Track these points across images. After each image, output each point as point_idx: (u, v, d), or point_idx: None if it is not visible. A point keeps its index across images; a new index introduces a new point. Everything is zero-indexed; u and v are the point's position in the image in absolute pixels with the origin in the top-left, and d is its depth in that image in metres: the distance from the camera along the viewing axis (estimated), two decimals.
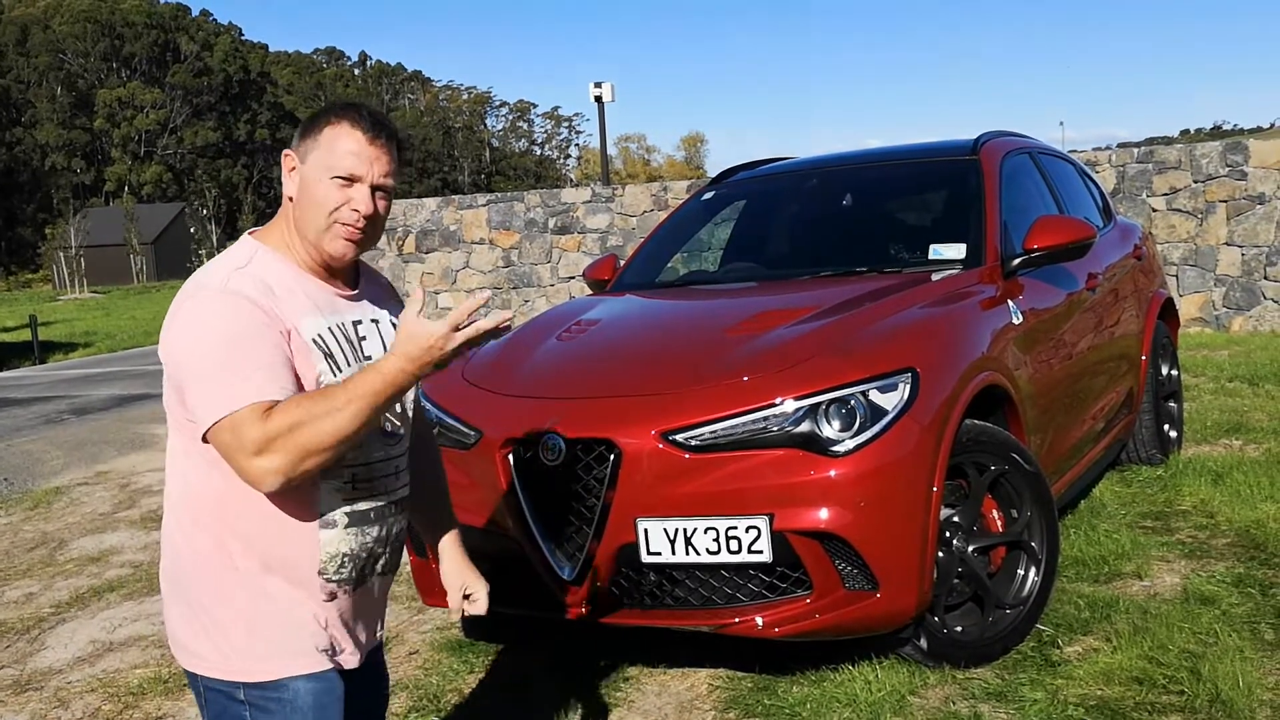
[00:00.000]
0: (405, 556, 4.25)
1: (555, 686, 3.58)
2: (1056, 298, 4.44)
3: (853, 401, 3.22)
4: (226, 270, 1.91)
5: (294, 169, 1.96)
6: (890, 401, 3.24)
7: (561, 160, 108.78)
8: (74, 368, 17.36)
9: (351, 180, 1.93)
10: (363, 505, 1.97)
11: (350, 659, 2.01)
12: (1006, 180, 4.61)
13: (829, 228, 4.87)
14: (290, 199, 1.97)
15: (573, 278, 14.25)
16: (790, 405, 3.21)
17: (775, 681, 3.51)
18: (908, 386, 3.27)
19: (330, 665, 1.95)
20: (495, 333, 1.84)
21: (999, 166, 4.62)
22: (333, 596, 1.96)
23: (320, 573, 1.93)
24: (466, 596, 2.30)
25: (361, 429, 1.79)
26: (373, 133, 1.94)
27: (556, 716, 3.39)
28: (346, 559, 1.96)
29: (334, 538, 1.94)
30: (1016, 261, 4.19)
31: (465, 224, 14.95)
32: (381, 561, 2.05)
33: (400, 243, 15.22)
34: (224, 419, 1.78)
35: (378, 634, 2.13)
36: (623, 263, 5.21)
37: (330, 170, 1.92)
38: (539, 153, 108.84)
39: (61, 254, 46.89)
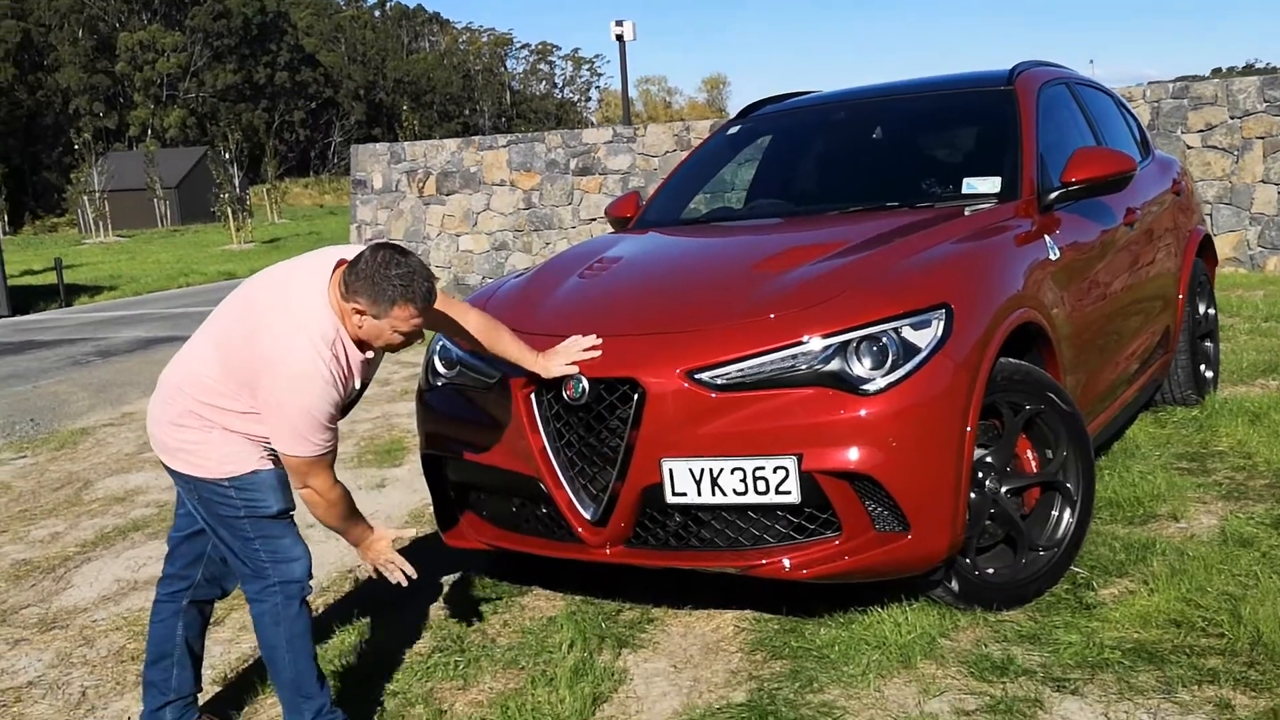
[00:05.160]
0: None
1: (578, 628, 3.54)
2: (1094, 233, 4.31)
3: (884, 339, 3.12)
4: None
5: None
6: (923, 339, 3.14)
7: (582, 103, 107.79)
8: (99, 310, 17.43)
9: None
10: None
11: None
12: (1043, 111, 4.46)
13: (858, 162, 4.73)
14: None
15: (594, 219, 14.11)
16: (819, 343, 3.12)
17: (802, 623, 3.46)
18: (941, 323, 3.17)
19: None
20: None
21: (1035, 97, 4.47)
22: None
23: None
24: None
25: None
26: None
27: (581, 658, 3.35)
28: None
29: None
30: (1054, 195, 4.06)
31: (486, 165, 14.80)
32: None
33: (420, 185, 15.10)
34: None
35: None
36: (645, 200, 5.10)
37: None
38: (560, 96, 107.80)
39: (86, 198, 46.86)
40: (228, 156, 41.11)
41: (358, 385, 2.82)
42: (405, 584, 2.93)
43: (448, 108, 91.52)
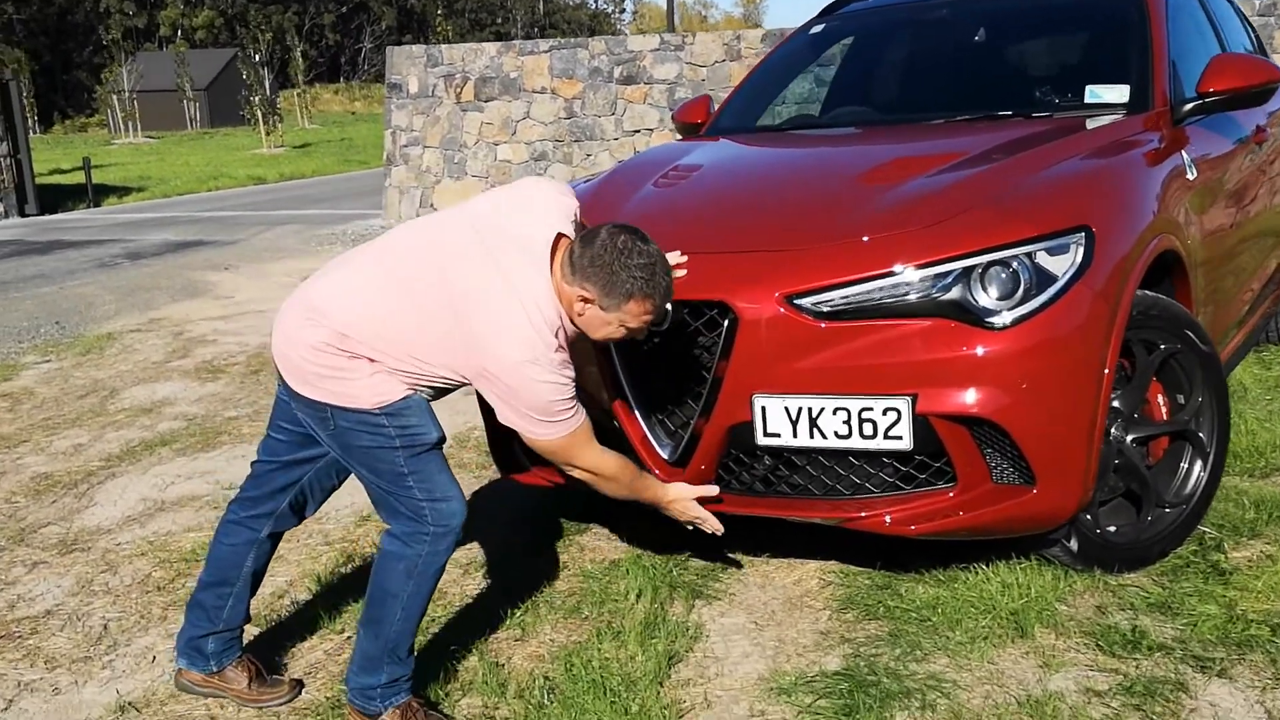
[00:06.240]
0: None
1: (645, 574, 3.21)
2: (1227, 151, 3.86)
3: (1015, 264, 2.71)
4: None
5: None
6: (1060, 266, 2.73)
7: (616, 15, 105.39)
8: (127, 212, 17.11)
9: None
10: None
11: None
12: (1171, 12, 3.97)
13: (962, 66, 4.24)
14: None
15: (637, 131, 13.58)
16: (938, 268, 2.72)
17: (896, 580, 3.11)
18: (1081, 248, 2.75)
19: None
20: None
21: None
22: None
23: None
24: None
25: None
26: None
27: (648, 605, 3.03)
28: None
29: None
30: (1189, 107, 3.60)
31: (526, 71, 14.25)
32: None
33: (458, 90, 14.57)
34: None
35: None
36: (718, 105, 4.65)
37: None
38: (593, 6, 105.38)
39: (115, 98, 46.28)
40: (258, 59, 40.36)
41: None
42: (720, 534, 2.79)
43: (480, 16, 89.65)
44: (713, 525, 2.76)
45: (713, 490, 2.77)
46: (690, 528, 2.84)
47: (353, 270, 2.48)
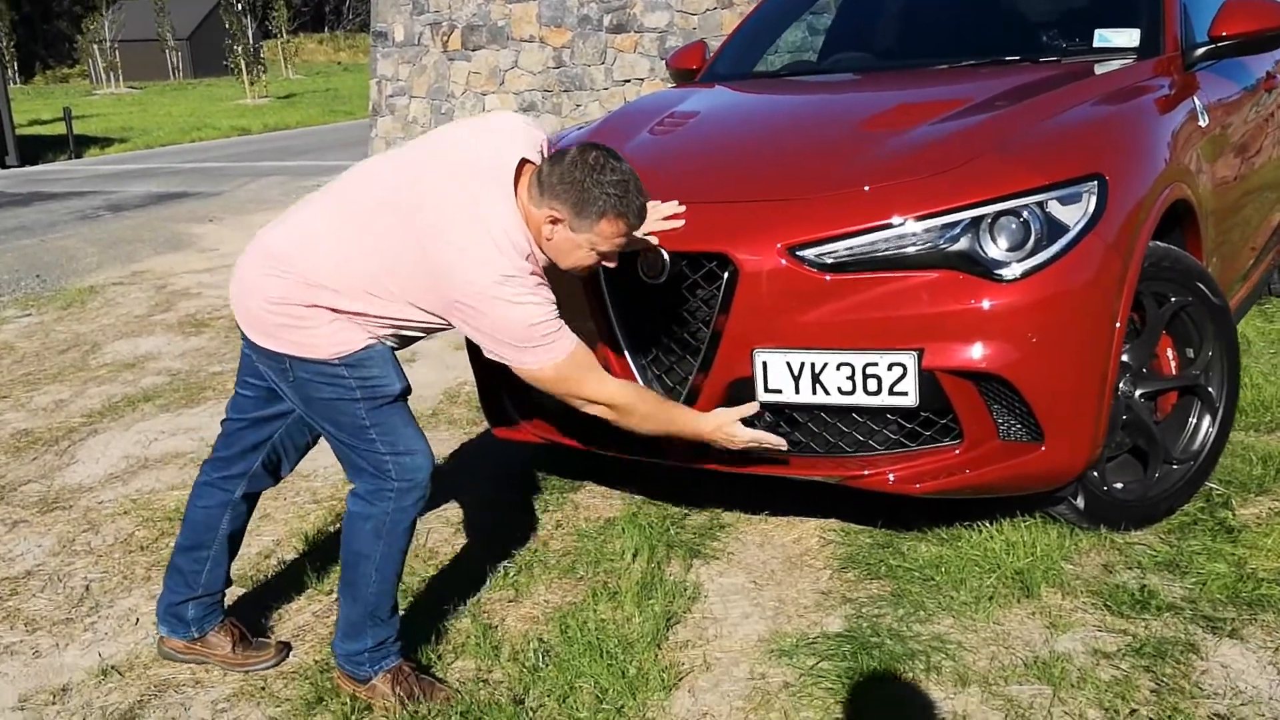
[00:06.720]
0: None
1: (642, 534, 3.14)
2: (1237, 98, 3.76)
3: (1025, 214, 2.61)
4: None
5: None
6: (1072, 216, 2.63)
7: None
8: (109, 163, 16.85)
9: None
10: None
11: None
12: None
13: (967, 9, 4.10)
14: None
15: (628, 81, 13.37)
16: (946, 218, 2.62)
17: (898, 538, 3.04)
18: (1094, 197, 2.65)
19: None
20: None
21: None
22: None
23: None
24: None
25: None
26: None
27: (644, 565, 2.96)
28: None
29: None
30: (1200, 51, 3.49)
31: (514, 19, 13.99)
32: None
33: (445, 39, 14.31)
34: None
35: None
36: (713, 51, 4.51)
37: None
38: None
39: (96, 48, 45.56)
40: (240, 7, 39.66)
41: None
42: (784, 449, 2.66)
43: None
44: (773, 440, 2.60)
45: (753, 408, 2.59)
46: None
47: (311, 214, 2.37)
